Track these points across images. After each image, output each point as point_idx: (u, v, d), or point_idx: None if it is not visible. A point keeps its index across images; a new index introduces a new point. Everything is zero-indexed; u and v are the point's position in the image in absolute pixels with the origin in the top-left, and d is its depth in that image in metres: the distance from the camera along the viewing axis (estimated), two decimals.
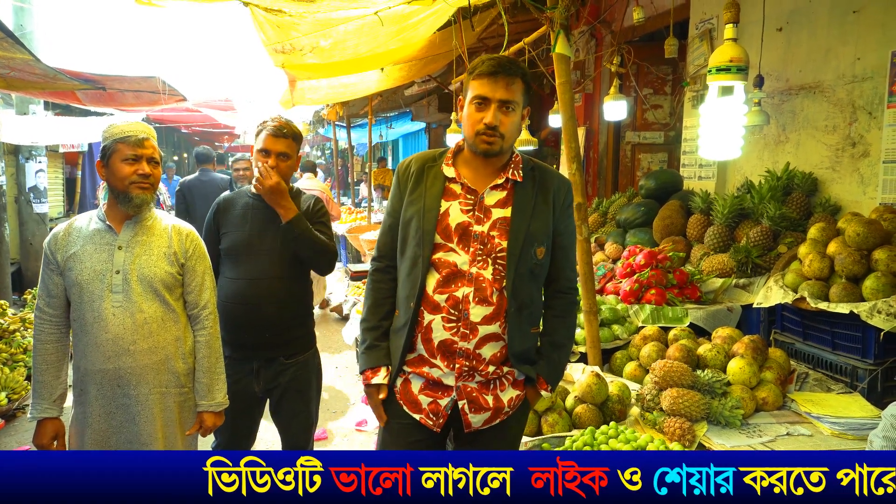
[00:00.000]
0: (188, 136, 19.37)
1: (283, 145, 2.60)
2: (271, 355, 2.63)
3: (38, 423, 2.20)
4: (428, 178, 1.94)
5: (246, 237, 2.61)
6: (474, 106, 1.84)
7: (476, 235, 1.87)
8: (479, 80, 1.83)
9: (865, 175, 3.30)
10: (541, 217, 1.91)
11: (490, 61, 1.83)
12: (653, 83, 6.03)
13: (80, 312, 2.16)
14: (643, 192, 4.76)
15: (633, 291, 3.43)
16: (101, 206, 2.26)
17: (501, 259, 1.86)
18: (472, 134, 1.85)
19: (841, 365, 2.75)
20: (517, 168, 1.93)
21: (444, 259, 1.87)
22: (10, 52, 4.57)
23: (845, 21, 3.41)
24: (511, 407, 1.95)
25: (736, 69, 2.22)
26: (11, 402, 4.77)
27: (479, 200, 1.89)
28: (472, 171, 1.93)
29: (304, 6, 3.40)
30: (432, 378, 1.90)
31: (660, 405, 2.42)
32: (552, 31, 2.94)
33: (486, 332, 1.85)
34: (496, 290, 1.86)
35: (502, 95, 1.82)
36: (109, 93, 7.44)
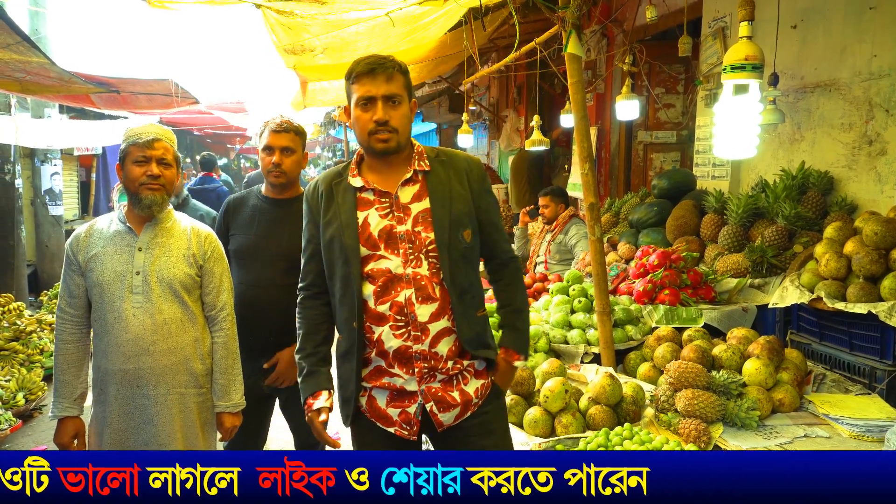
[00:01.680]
0: (200, 139, 19.52)
1: (287, 139, 2.60)
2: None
3: (59, 421, 2.23)
4: (337, 194, 1.92)
5: (252, 241, 2.61)
6: (360, 108, 1.83)
7: (402, 236, 1.85)
8: (358, 81, 1.83)
9: (883, 173, 3.26)
10: (460, 200, 1.91)
11: (364, 61, 1.83)
12: (665, 82, 5.98)
13: (101, 313, 2.20)
14: (656, 192, 4.73)
15: (646, 292, 3.40)
16: (120, 207, 2.30)
17: (433, 252, 1.85)
18: (366, 136, 1.84)
19: (859, 366, 2.72)
20: (422, 158, 1.92)
21: (377, 268, 1.85)
22: (26, 56, 4.62)
23: (861, 18, 3.36)
24: (479, 397, 1.95)
25: (751, 67, 2.20)
26: (29, 402, 4.83)
27: (395, 200, 1.88)
28: (379, 175, 1.92)
29: (316, 8, 3.41)
30: (395, 388, 1.89)
31: (674, 406, 2.40)
32: (564, 31, 2.93)
33: (437, 328, 1.85)
34: (436, 283, 1.86)
35: (385, 91, 1.81)
36: (123, 96, 7.50)
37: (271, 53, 4.22)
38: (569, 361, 3.04)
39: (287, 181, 2.64)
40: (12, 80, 5.50)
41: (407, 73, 1.89)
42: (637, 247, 4.21)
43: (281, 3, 3.32)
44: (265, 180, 2.71)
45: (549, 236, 5.00)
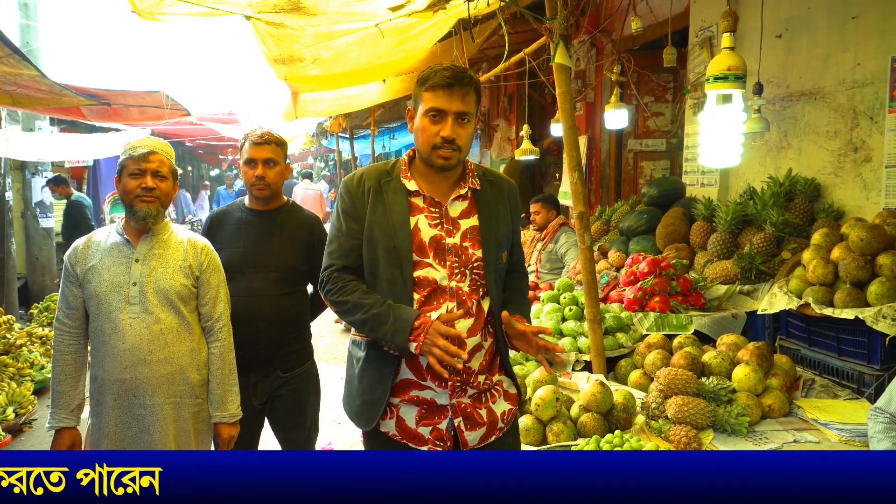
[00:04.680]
0: (192, 150, 19.50)
1: (268, 151, 2.61)
2: (268, 369, 2.63)
3: (56, 432, 2.25)
4: (387, 193, 1.85)
5: (240, 254, 2.61)
6: (429, 119, 1.78)
7: (450, 248, 1.83)
8: (433, 91, 1.77)
9: (868, 180, 3.30)
10: (503, 222, 1.92)
11: (444, 72, 1.77)
12: (654, 91, 6.04)
13: (98, 323, 2.22)
14: (646, 200, 4.76)
15: (636, 299, 3.42)
16: (118, 220, 2.33)
17: (478, 269, 1.85)
18: (429, 148, 1.79)
19: (847, 371, 2.74)
20: (473, 176, 1.92)
21: (424, 276, 1.81)
22: (16, 69, 4.62)
23: (844, 27, 3.42)
24: (504, 422, 1.94)
25: (734, 77, 2.24)
26: (19, 416, 4.78)
27: (445, 212, 1.86)
28: (431, 183, 1.88)
29: (305, 20, 3.43)
30: (425, 401, 1.85)
31: (665, 413, 2.41)
32: (552, 42, 2.96)
33: (472, 343, 1.84)
34: (475, 300, 1.85)
35: (459, 107, 1.76)
36: (114, 108, 7.49)
37: (262, 64, 4.23)
38: (560, 369, 3.05)
39: (271, 193, 2.65)
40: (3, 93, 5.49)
41: (479, 91, 1.84)
42: (627, 254, 4.24)
43: (271, 15, 3.34)
44: (248, 193, 2.71)
45: (540, 245, 5.02)
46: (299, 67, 4.32)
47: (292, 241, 2.63)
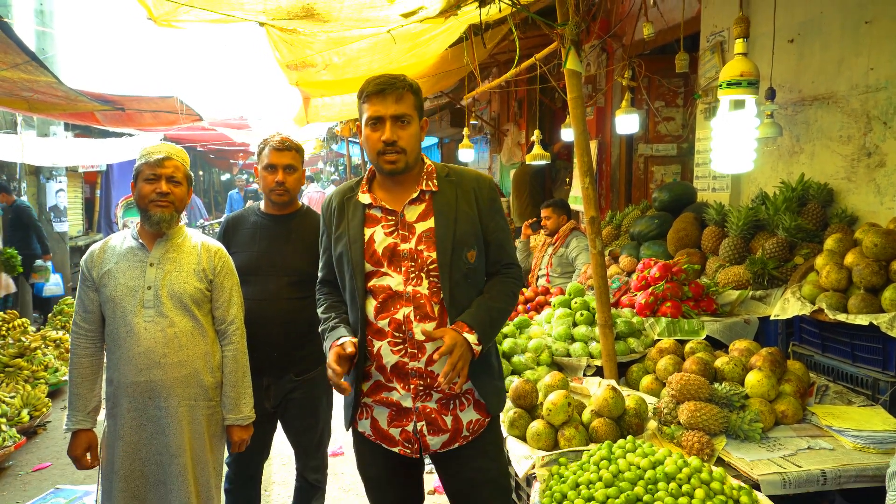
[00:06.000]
0: (203, 155, 19.65)
1: (289, 157, 2.64)
2: (281, 372, 2.65)
3: (73, 434, 2.29)
4: (349, 209, 1.96)
5: (255, 258, 2.64)
6: (370, 127, 1.86)
7: (405, 254, 1.88)
8: (369, 101, 1.85)
9: (882, 185, 3.28)
10: (465, 220, 1.91)
11: (375, 81, 1.85)
12: (665, 95, 6.03)
13: (114, 327, 2.25)
14: (657, 205, 4.75)
15: (648, 304, 3.41)
16: (133, 224, 2.37)
17: (434, 271, 1.87)
18: (375, 155, 1.87)
19: (861, 377, 2.72)
20: (430, 178, 1.94)
21: (379, 284, 1.89)
22: (34, 75, 4.69)
23: (858, 32, 3.40)
24: (470, 431, 1.95)
25: (746, 83, 2.24)
26: (33, 418, 4.84)
27: (400, 219, 1.90)
28: (387, 192, 1.95)
29: (318, 26, 3.46)
30: (393, 402, 1.91)
31: (677, 419, 2.41)
32: (563, 47, 2.97)
33: (434, 347, 1.86)
34: (435, 303, 1.87)
35: (394, 111, 1.83)
36: (128, 113, 7.58)
37: (274, 70, 4.27)
38: (571, 374, 3.04)
39: (290, 199, 2.68)
40: (20, 99, 5.57)
41: (418, 93, 1.90)
42: (638, 259, 4.23)
43: (284, 22, 3.37)
44: (265, 198, 2.73)
45: (551, 250, 5.02)
46: (311, 73, 4.36)
47: (306, 246, 2.66)
